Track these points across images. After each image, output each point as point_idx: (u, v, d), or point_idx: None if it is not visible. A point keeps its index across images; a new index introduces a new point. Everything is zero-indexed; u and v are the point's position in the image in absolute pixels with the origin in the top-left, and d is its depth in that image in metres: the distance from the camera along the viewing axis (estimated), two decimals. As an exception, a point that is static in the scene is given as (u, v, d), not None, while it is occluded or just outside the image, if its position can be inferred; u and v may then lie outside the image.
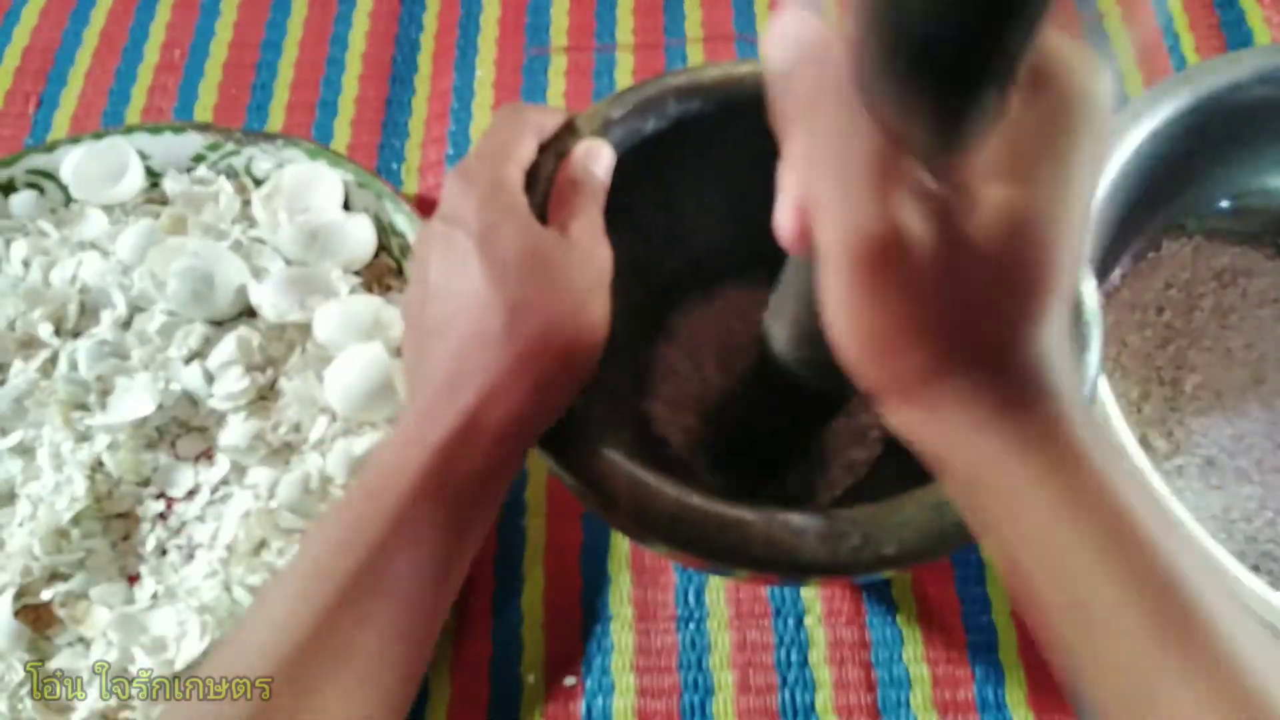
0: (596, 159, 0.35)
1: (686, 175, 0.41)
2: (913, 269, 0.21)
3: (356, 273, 0.52)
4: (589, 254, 0.32)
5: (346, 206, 0.53)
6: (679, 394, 0.46)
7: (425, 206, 0.57)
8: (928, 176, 0.21)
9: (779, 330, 0.34)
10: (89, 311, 0.51)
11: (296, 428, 0.48)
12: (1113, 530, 0.22)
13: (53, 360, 0.50)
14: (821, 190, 0.22)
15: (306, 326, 0.50)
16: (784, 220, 0.24)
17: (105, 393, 0.48)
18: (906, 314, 0.22)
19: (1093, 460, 0.23)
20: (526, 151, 0.34)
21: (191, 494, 0.48)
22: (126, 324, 0.51)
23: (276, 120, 0.62)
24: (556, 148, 0.35)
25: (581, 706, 0.44)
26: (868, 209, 0.21)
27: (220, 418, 0.49)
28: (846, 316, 0.23)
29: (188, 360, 0.49)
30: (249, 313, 0.51)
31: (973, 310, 0.22)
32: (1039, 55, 0.20)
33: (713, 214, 0.43)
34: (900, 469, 0.41)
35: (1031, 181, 0.21)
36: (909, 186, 0.21)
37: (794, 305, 0.32)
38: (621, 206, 0.36)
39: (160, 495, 0.48)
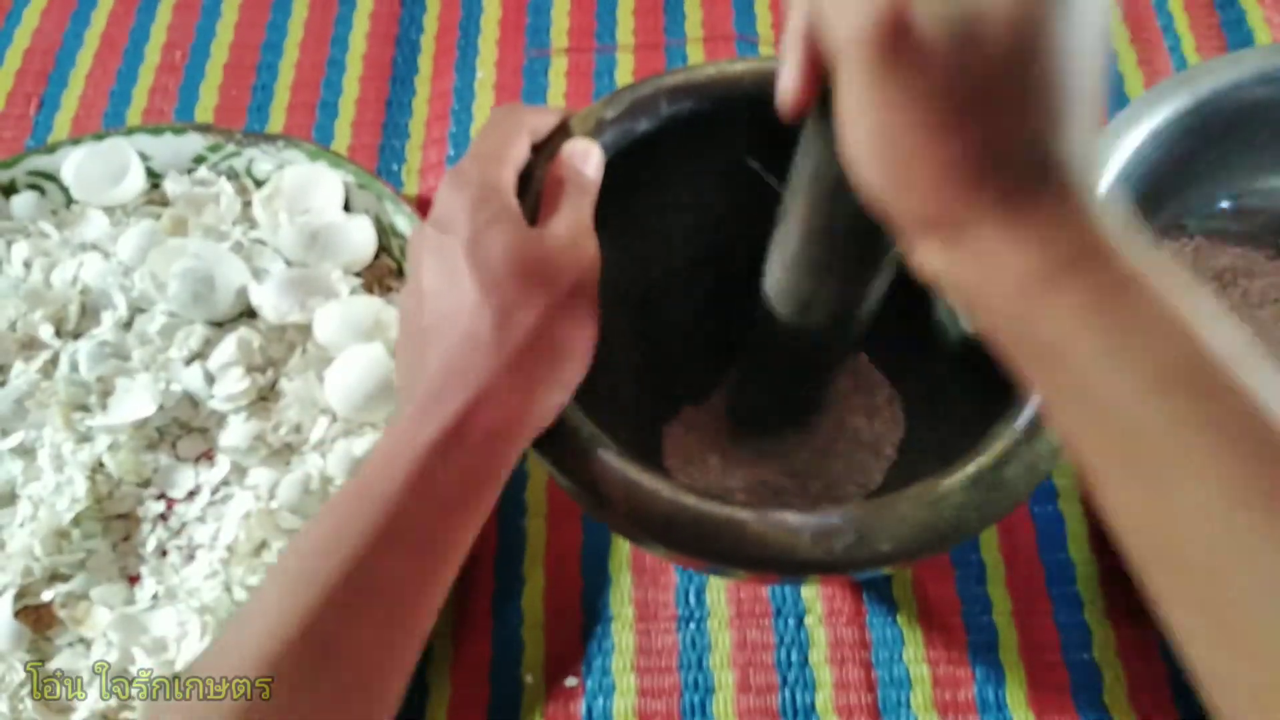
0: (586, 159, 0.35)
1: (681, 174, 0.41)
2: (926, 58, 0.21)
3: (357, 274, 0.52)
4: (577, 254, 0.32)
5: (347, 208, 0.53)
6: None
7: (425, 207, 0.57)
8: None
9: (777, 276, 0.34)
10: (90, 312, 0.52)
11: (297, 428, 0.48)
12: (1176, 367, 0.20)
13: (53, 361, 0.50)
14: None
15: (307, 327, 0.50)
16: (788, 75, 0.24)
17: (106, 394, 0.49)
18: (926, 113, 0.22)
19: (1149, 287, 0.21)
20: (520, 153, 0.34)
21: (192, 495, 0.48)
22: (127, 325, 0.51)
23: (277, 121, 0.62)
24: (550, 149, 0.35)
25: (582, 707, 0.44)
26: None
27: (221, 419, 0.49)
28: (864, 123, 0.23)
29: (188, 361, 0.49)
30: (249, 314, 0.51)
31: (992, 113, 0.22)
32: None
33: (706, 212, 0.43)
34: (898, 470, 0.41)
35: None
36: None
37: (799, 207, 0.32)
38: (614, 207, 0.36)
39: (161, 496, 0.48)
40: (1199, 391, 0.20)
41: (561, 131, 0.36)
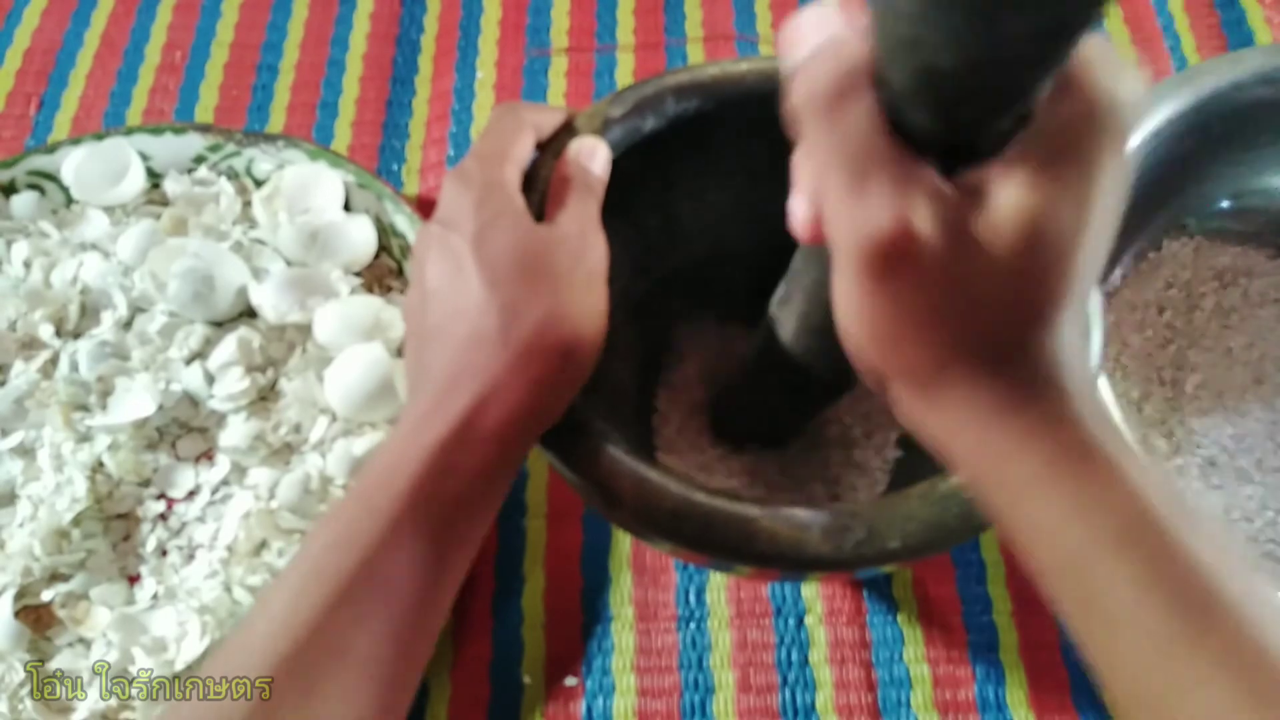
0: (592, 156, 0.35)
1: (686, 173, 0.41)
2: (924, 268, 0.21)
3: (357, 274, 0.52)
4: (584, 251, 0.32)
5: (347, 207, 0.53)
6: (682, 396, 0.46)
7: (426, 207, 0.57)
8: (942, 178, 0.21)
9: (787, 317, 0.34)
10: (90, 312, 0.51)
11: (297, 428, 0.48)
12: (1124, 523, 0.22)
13: (53, 361, 0.50)
14: (833, 187, 0.22)
15: (307, 327, 0.50)
16: (798, 212, 0.24)
17: (106, 393, 0.49)
18: (916, 311, 0.22)
19: (1102, 452, 0.22)
20: (523, 151, 0.34)
21: (192, 494, 0.48)
22: (127, 325, 0.51)
23: (277, 121, 0.62)
24: (556, 147, 0.35)
25: (582, 707, 0.44)
26: (879, 208, 0.21)
27: (221, 418, 0.49)
28: (856, 311, 0.23)
29: (188, 361, 0.49)
30: (249, 313, 0.51)
31: (983, 310, 0.22)
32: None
33: (713, 212, 0.43)
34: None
35: (1051, 186, 0.21)
36: (922, 186, 0.21)
37: (802, 295, 0.32)
38: (621, 205, 0.36)
39: (161, 496, 0.48)
40: (1143, 552, 0.22)
41: (567, 130, 0.36)
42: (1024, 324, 0.22)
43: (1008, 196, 0.21)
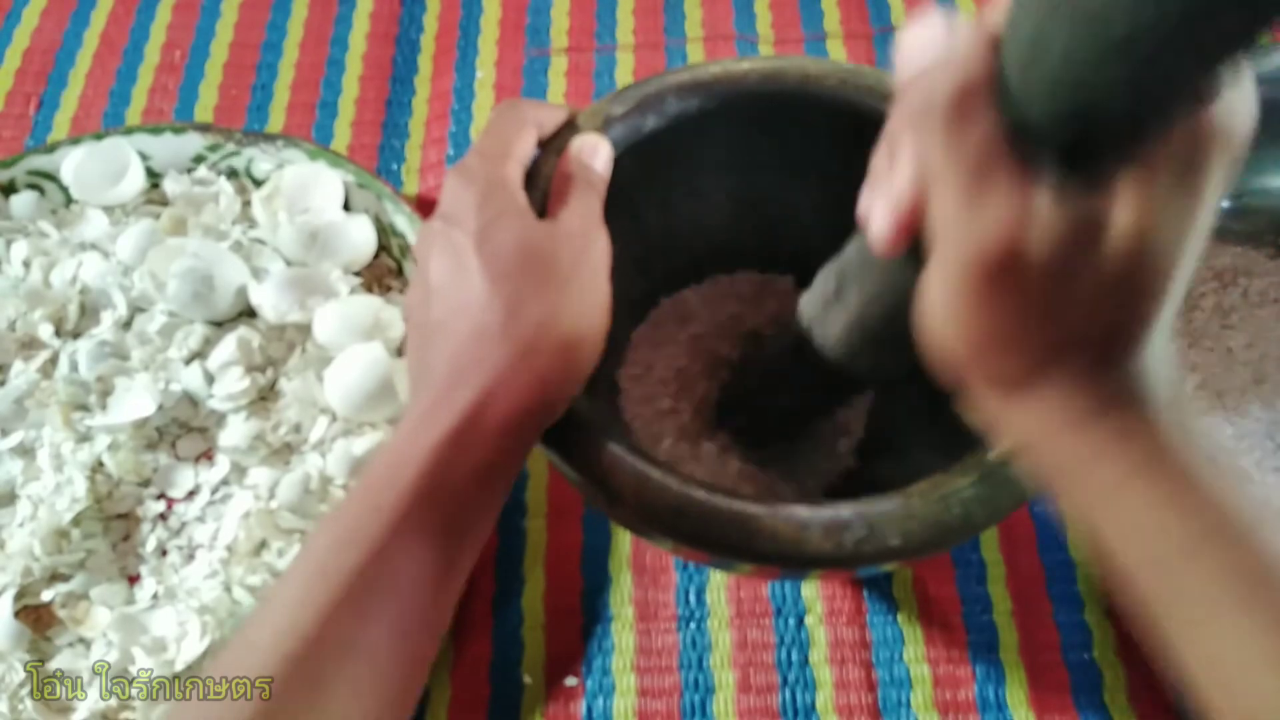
0: (594, 153, 0.35)
1: (686, 172, 0.41)
2: (1032, 280, 0.22)
3: (356, 273, 0.52)
4: (586, 245, 0.32)
5: (346, 207, 0.53)
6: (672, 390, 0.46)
7: (425, 207, 0.57)
8: (1058, 192, 0.21)
9: (833, 318, 0.34)
10: (89, 312, 0.51)
11: (297, 428, 0.48)
12: (1208, 525, 0.22)
13: (53, 361, 0.50)
14: (951, 197, 0.22)
15: (306, 327, 0.50)
16: (878, 215, 0.25)
17: (105, 393, 0.48)
18: (1016, 321, 0.23)
19: (1187, 459, 0.23)
20: (525, 148, 0.34)
21: (192, 494, 0.48)
22: (127, 325, 0.51)
23: (277, 121, 0.62)
24: (558, 145, 0.35)
25: (582, 707, 0.44)
26: (996, 219, 0.21)
27: (220, 418, 0.49)
28: (954, 318, 0.24)
29: (188, 361, 0.49)
30: (249, 313, 0.51)
31: (1083, 322, 0.23)
32: None
33: (713, 211, 0.43)
34: (893, 468, 0.41)
35: (1162, 209, 0.21)
36: (1038, 198, 0.21)
37: (860, 299, 0.32)
38: (622, 202, 0.36)
39: (160, 496, 0.48)
40: (1231, 549, 0.22)
41: (569, 127, 0.36)
42: (1121, 337, 0.23)
43: (1123, 212, 0.21)
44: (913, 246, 0.25)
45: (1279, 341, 0.50)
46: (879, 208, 0.25)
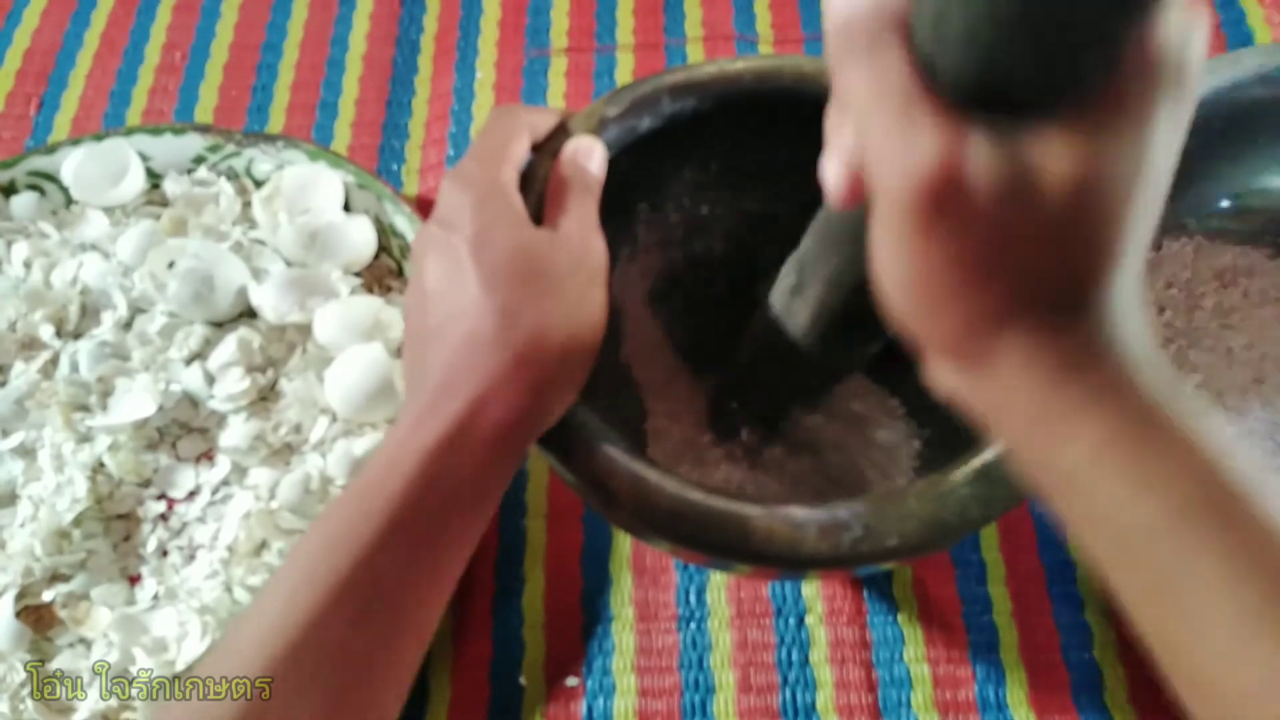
0: (589, 156, 0.35)
1: (682, 173, 0.41)
2: (973, 214, 0.21)
3: (357, 274, 0.52)
4: (583, 252, 0.32)
5: (347, 208, 0.53)
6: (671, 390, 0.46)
7: (425, 208, 0.57)
8: (989, 131, 0.21)
9: (798, 307, 0.34)
10: (90, 313, 0.52)
11: (297, 429, 0.48)
12: (1197, 494, 0.21)
13: (54, 361, 0.50)
14: (880, 128, 0.21)
15: (307, 327, 0.50)
16: (832, 172, 0.24)
17: (106, 394, 0.49)
18: (964, 263, 0.22)
19: (1167, 419, 0.21)
20: (520, 152, 0.34)
21: (192, 495, 0.48)
22: (127, 325, 0.51)
23: (277, 122, 0.62)
24: (551, 148, 0.35)
25: (582, 707, 0.44)
26: (930, 142, 0.20)
27: (221, 419, 0.49)
28: (900, 264, 0.23)
29: (188, 361, 0.49)
30: (249, 314, 0.51)
31: (1034, 264, 0.21)
32: None
33: (708, 211, 0.43)
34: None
35: (1107, 137, 0.20)
36: (973, 127, 0.20)
37: (821, 281, 0.32)
38: (617, 205, 0.36)
39: (161, 496, 0.48)
40: (1217, 523, 0.20)
41: (561, 131, 0.36)
42: (1078, 282, 0.22)
43: (1062, 147, 0.20)
44: (864, 211, 0.24)
45: (1279, 342, 0.50)
46: (831, 163, 0.24)
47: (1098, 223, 0.21)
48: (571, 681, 0.45)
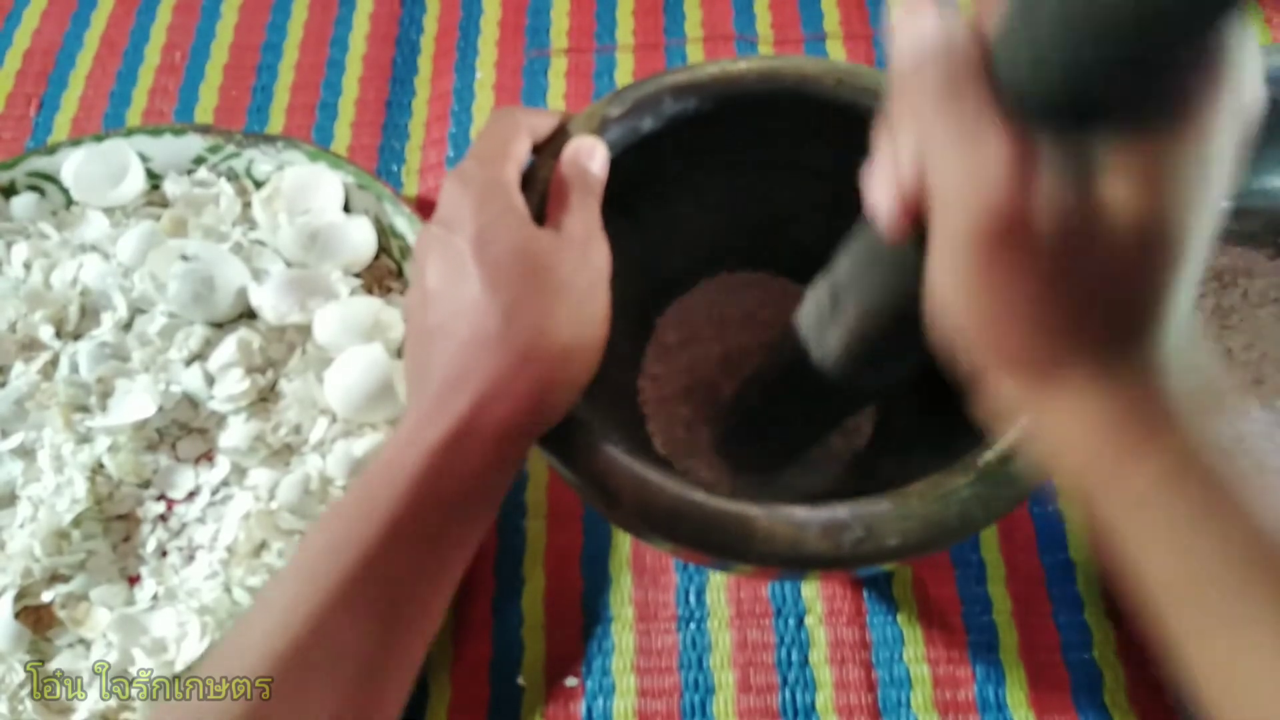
0: (591, 156, 0.35)
1: (684, 173, 0.41)
2: (1039, 253, 0.21)
3: (357, 275, 0.52)
4: (586, 252, 0.32)
5: (347, 208, 0.53)
6: (672, 391, 0.46)
7: (425, 208, 0.57)
8: (1065, 164, 0.21)
9: (832, 332, 0.33)
10: (90, 313, 0.52)
11: (297, 429, 0.48)
12: (1244, 543, 0.21)
13: (53, 362, 0.50)
14: (943, 164, 0.22)
15: (307, 328, 0.50)
16: (883, 196, 0.24)
17: (106, 395, 0.49)
18: (1030, 290, 0.22)
19: (1218, 466, 0.22)
20: (521, 151, 0.34)
21: (192, 495, 0.48)
22: (127, 326, 0.51)
23: (277, 122, 0.62)
24: (553, 148, 0.35)
25: (582, 707, 0.44)
26: (999, 175, 0.21)
27: (221, 419, 0.49)
28: (963, 290, 0.23)
29: (188, 362, 0.49)
30: (249, 314, 0.51)
31: (1095, 302, 0.22)
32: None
33: (710, 212, 0.43)
34: (895, 467, 0.41)
35: (1170, 175, 0.20)
36: (1041, 157, 0.21)
37: (857, 305, 0.31)
38: (619, 205, 0.36)
39: (161, 497, 0.48)
40: (1262, 574, 0.21)
41: (562, 133, 0.36)
42: (1141, 310, 0.22)
43: (1130, 179, 0.20)
44: (914, 239, 0.24)
45: (1278, 343, 0.50)
46: (882, 186, 0.24)
47: (1165, 251, 0.21)
48: (571, 682, 0.45)
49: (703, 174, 0.41)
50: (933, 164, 0.22)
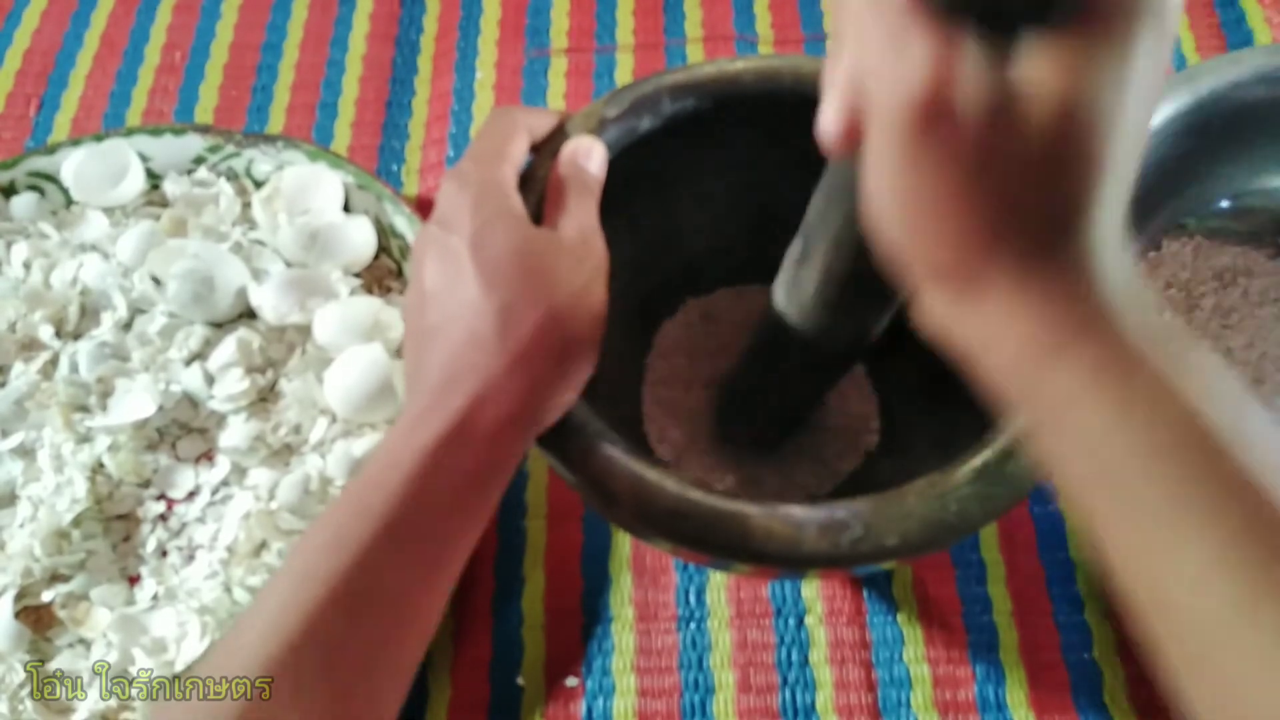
0: (588, 156, 0.35)
1: (682, 173, 0.41)
2: (962, 139, 0.21)
3: (356, 274, 0.52)
4: (583, 252, 0.32)
5: (346, 208, 0.53)
6: (672, 396, 0.46)
7: (425, 208, 0.57)
8: (986, 49, 0.21)
9: (804, 279, 0.33)
10: (89, 313, 0.52)
11: (297, 429, 0.48)
12: (1180, 430, 0.21)
13: (53, 362, 0.50)
14: (870, 47, 0.22)
15: (307, 328, 0.50)
16: (830, 117, 0.24)
17: (106, 394, 0.49)
18: (954, 181, 0.22)
19: (1152, 355, 0.22)
20: (519, 152, 0.34)
21: (192, 495, 0.48)
22: (127, 326, 0.51)
23: (277, 122, 0.62)
24: (551, 148, 0.35)
25: (582, 707, 0.44)
26: (921, 61, 0.21)
27: (220, 419, 0.49)
28: (890, 184, 0.23)
29: (188, 362, 0.49)
30: (249, 314, 0.51)
31: (1021, 192, 0.22)
32: None
33: (708, 212, 0.43)
34: (895, 467, 0.41)
35: (1091, 57, 0.21)
36: (963, 47, 0.21)
37: (825, 243, 0.31)
38: (617, 205, 0.36)
39: (161, 497, 0.48)
40: (1199, 457, 0.21)
41: (560, 133, 0.36)
42: (1063, 210, 0.22)
43: (1049, 63, 0.21)
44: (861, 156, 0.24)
45: (1278, 342, 0.50)
46: (828, 105, 0.24)
47: (1083, 144, 0.21)
48: (571, 682, 0.45)
49: (702, 173, 0.41)
50: (865, 67, 0.22)
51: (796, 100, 0.37)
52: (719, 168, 0.41)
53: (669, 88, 0.37)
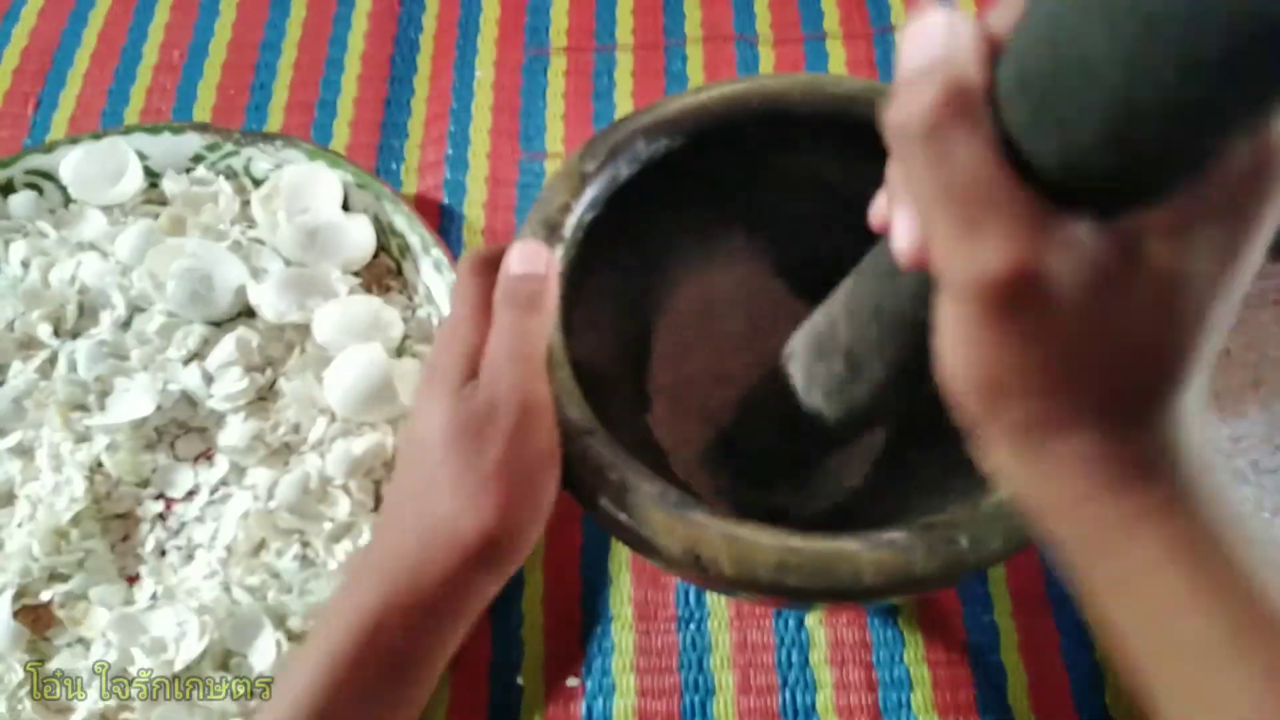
0: (534, 261, 0.33)
1: (667, 211, 0.40)
2: (1052, 314, 0.19)
3: (355, 273, 0.52)
4: (513, 389, 0.31)
5: (345, 207, 0.53)
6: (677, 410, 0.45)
7: (424, 207, 0.57)
8: (1082, 222, 0.19)
9: (854, 395, 0.33)
10: (88, 312, 0.51)
11: (295, 428, 0.48)
12: (1247, 617, 0.21)
13: (52, 361, 0.50)
14: (940, 227, 0.20)
15: (305, 327, 0.50)
16: (903, 233, 0.22)
17: (104, 393, 0.48)
18: (1036, 361, 0.21)
19: (1222, 542, 0.21)
20: (466, 333, 0.34)
21: (191, 494, 0.48)
22: (125, 325, 0.51)
23: (275, 121, 0.62)
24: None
25: (582, 707, 0.44)
26: (997, 250, 0.19)
27: (219, 418, 0.49)
28: (965, 353, 0.22)
29: (187, 361, 0.49)
30: (248, 313, 0.51)
31: (1106, 368, 0.21)
32: None
33: (702, 243, 0.43)
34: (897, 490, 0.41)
35: (1201, 243, 0.19)
36: (1052, 226, 0.19)
37: (881, 356, 0.30)
38: (608, 257, 0.36)
39: (159, 496, 0.48)
40: (1264, 645, 0.20)
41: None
42: (1153, 389, 0.21)
43: (1153, 248, 0.19)
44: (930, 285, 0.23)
45: (1277, 344, 0.50)
46: (900, 221, 0.22)
47: (1184, 324, 0.20)
48: (571, 682, 0.45)
49: (686, 209, 0.41)
50: (927, 216, 0.21)
51: (769, 120, 0.38)
52: (703, 199, 0.41)
53: (641, 129, 0.37)
